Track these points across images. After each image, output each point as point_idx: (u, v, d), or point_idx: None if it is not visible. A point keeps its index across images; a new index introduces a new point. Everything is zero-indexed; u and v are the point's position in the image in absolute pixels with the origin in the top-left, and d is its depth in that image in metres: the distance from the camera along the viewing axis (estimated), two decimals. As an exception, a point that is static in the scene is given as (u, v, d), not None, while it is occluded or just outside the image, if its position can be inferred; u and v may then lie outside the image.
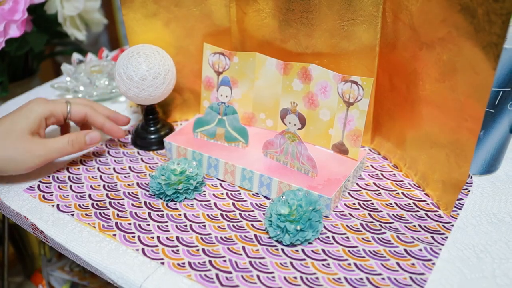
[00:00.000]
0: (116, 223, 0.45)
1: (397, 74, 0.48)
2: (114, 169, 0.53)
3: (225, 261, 0.40)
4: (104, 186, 0.50)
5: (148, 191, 0.49)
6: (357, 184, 0.50)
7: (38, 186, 0.50)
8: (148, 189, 0.50)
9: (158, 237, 0.43)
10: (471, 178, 0.50)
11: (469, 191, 0.48)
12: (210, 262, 0.40)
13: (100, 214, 0.46)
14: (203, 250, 0.41)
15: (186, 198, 0.48)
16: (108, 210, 0.47)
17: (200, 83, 0.58)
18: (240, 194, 0.49)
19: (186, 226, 0.44)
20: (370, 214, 0.45)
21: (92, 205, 0.47)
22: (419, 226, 0.43)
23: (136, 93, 0.51)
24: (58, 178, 0.52)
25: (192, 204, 0.47)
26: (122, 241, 0.42)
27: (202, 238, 0.43)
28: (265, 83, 0.53)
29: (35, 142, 0.48)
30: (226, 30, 0.54)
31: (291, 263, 0.40)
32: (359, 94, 0.46)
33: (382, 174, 0.51)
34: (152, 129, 0.57)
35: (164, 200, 0.48)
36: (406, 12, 0.43)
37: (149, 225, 0.44)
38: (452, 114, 0.42)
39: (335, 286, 0.37)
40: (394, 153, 0.52)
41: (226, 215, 0.46)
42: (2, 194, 0.49)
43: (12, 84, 0.84)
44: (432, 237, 0.42)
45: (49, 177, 0.52)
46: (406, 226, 0.43)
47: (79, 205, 0.47)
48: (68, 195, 0.49)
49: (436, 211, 0.45)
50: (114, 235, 0.43)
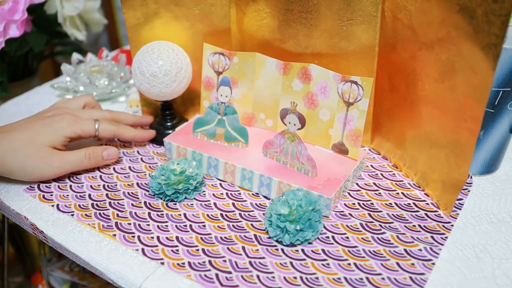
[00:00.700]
0: (116, 223, 0.45)
1: (396, 74, 0.48)
2: (114, 169, 0.53)
3: (225, 261, 0.40)
4: (104, 186, 0.50)
5: (148, 191, 0.49)
6: (357, 184, 0.50)
7: (38, 186, 0.50)
8: (148, 189, 0.50)
9: (158, 237, 0.43)
10: (471, 178, 0.50)
11: (469, 191, 0.48)
12: (210, 262, 0.40)
13: (100, 214, 0.46)
14: (203, 250, 0.41)
15: (186, 198, 0.48)
16: (108, 210, 0.47)
17: (200, 83, 0.58)
18: (240, 194, 0.49)
19: (186, 226, 0.44)
20: (370, 214, 0.45)
21: (92, 205, 0.47)
22: (419, 226, 0.43)
23: (147, 88, 0.52)
24: (58, 178, 0.52)
25: (192, 204, 0.47)
26: (122, 241, 0.43)
27: (202, 238, 0.43)
28: (265, 83, 0.53)
29: (53, 154, 0.49)
30: (226, 30, 0.54)
31: (291, 263, 0.40)
32: (359, 94, 0.46)
33: (382, 174, 0.51)
34: (169, 124, 0.58)
35: (164, 200, 0.48)
36: (405, 12, 0.43)
37: (149, 225, 0.44)
38: (451, 114, 0.42)
39: (335, 286, 0.37)
40: (394, 153, 0.52)
41: (226, 215, 0.46)
42: (2, 194, 0.49)
43: (12, 84, 0.84)
44: (432, 237, 0.42)
45: (49, 177, 0.52)
46: (406, 226, 0.43)
47: (79, 205, 0.47)
48: (68, 195, 0.49)
49: (436, 211, 0.45)
50: (114, 235, 0.43)
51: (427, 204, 0.47)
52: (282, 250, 0.41)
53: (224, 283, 0.38)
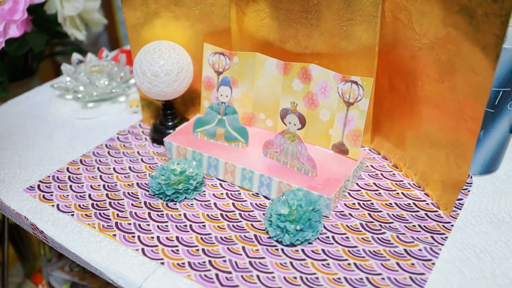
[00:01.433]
0: (116, 223, 0.45)
1: (396, 74, 0.48)
2: (114, 169, 0.53)
3: (225, 261, 0.40)
4: (104, 186, 0.50)
5: (148, 191, 0.49)
6: (357, 184, 0.50)
7: (38, 186, 0.50)
8: (148, 189, 0.50)
9: (158, 237, 0.43)
10: (471, 178, 0.50)
11: (469, 191, 0.48)
12: (210, 262, 0.40)
13: (100, 214, 0.46)
14: (203, 250, 0.41)
15: (186, 198, 0.48)
16: (108, 210, 0.47)
17: (200, 83, 0.58)
18: (240, 194, 0.49)
19: (186, 226, 0.44)
20: (370, 214, 0.45)
21: (92, 205, 0.47)
22: (419, 226, 0.43)
23: (148, 88, 0.52)
24: (58, 178, 0.52)
25: (192, 204, 0.47)
26: (122, 241, 0.43)
27: (202, 238, 0.43)
28: (265, 83, 0.53)
29: None
30: (226, 30, 0.54)
31: (291, 263, 0.40)
32: (359, 94, 0.46)
33: (382, 174, 0.51)
34: (170, 124, 0.58)
35: (164, 200, 0.48)
36: (405, 12, 0.43)
37: (149, 225, 0.44)
38: (451, 114, 0.42)
39: (335, 286, 0.37)
40: (394, 153, 0.52)
41: (226, 215, 0.46)
42: (2, 194, 0.49)
43: (12, 84, 0.84)
44: (432, 237, 0.42)
45: (49, 177, 0.52)
46: (406, 226, 0.43)
47: (79, 205, 0.47)
48: (68, 195, 0.49)
49: (436, 211, 0.45)
50: (114, 235, 0.43)
51: (427, 204, 0.47)
52: (282, 250, 0.41)
53: (224, 283, 0.38)
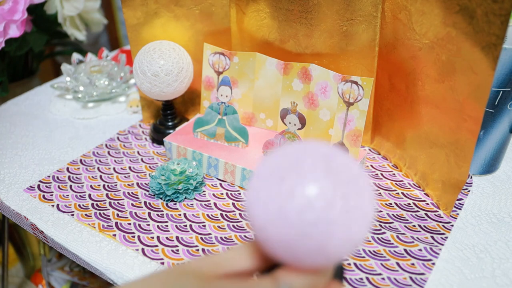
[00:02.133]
0: (116, 223, 0.45)
1: (396, 74, 0.48)
2: (114, 169, 0.53)
3: (225, 261, 0.40)
4: (104, 186, 0.50)
5: (148, 191, 0.49)
6: (357, 184, 0.50)
7: (38, 186, 0.50)
8: (148, 189, 0.50)
9: (158, 237, 0.43)
10: (471, 178, 0.50)
11: (469, 191, 0.48)
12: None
13: (100, 214, 0.46)
14: (203, 250, 0.41)
15: (186, 198, 0.48)
16: (108, 210, 0.47)
17: (200, 83, 0.58)
18: (240, 194, 0.49)
19: (186, 226, 0.44)
20: (370, 214, 0.45)
21: (92, 205, 0.47)
22: (419, 226, 0.43)
23: (148, 88, 0.52)
24: (58, 178, 0.52)
25: (192, 204, 0.47)
26: (122, 241, 0.42)
27: (202, 238, 0.43)
28: (265, 83, 0.53)
29: None
30: (226, 30, 0.54)
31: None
32: (359, 94, 0.46)
33: (382, 174, 0.51)
34: (170, 124, 0.58)
35: (164, 200, 0.48)
36: (405, 12, 0.43)
37: (149, 225, 0.44)
38: (451, 114, 0.42)
39: (335, 286, 0.37)
40: (394, 153, 0.52)
41: (226, 215, 0.46)
42: (2, 194, 0.49)
43: (12, 84, 0.84)
44: (432, 237, 0.42)
45: (49, 177, 0.52)
46: (406, 226, 0.43)
47: (79, 205, 0.47)
48: (68, 195, 0.49)
49: (436, 211, 0.45)
50: (114, 235, 0.43)
51: (427, 204, 0.46)
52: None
53: (224, 283, 0.38)
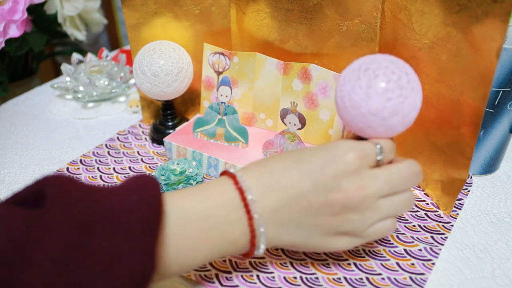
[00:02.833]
0: (116, 223, 0.45)
1: (396, 74, 0.48)
2: (114, 169, 0.53)
3: (225, 261, 0.40)
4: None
5: (148, 191, 0.49)
6: (357, 184, 0.50)
7: (38, 186, 0.50)
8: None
9: (158, 237, 0.43)
10: (471, 178, 0.50)
11: (469, 191, 0.48)
12: (210, 262, 0.40)
13: (100, 214, 0.46)
14: (203, 250, 0.41)
15: (186, 198, 0.48)
16: (108, 210, 0.46)
17: (200, 83, 0.58)
18: (240, 194, 0.49)
19: (186, 226, 0.44)
20: (370, 214, 0.45)
21: (92, 205, 0.47)
22: (419, 226, 0.43)
23: (148, 88, 0.52)
24: (58, 178, 0.52)
25: (192, 204, 0.47)
26: (122, 241, 0.42)
27: (202, 238, 0.43)
28: (265, 83, 0.53)
29: None
30: (226, 30, 0.54)
31: (291, 263, 0.40)
32: (359, 94, 0.46)
33: (382, 174, 0.51)
34: (170, 124, 0.58)
35: (164, 200, 0.47)
36: (405, 12, 0.43)
37: (149, 225, 0.44)
38: (451, 114, 0.42)
39: (335, 286, 0.37)
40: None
41: (226, 215, 0.45)
42: (1, 194, 0.49)
43: (12, 84, 0.84)
44: (432, 237, 0.42)
45: (49, 177, 0.52)
46: (406, 226, 0.43)
47: (79, 205, 0.47)
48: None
49: (436, 211, 0.45)
50: (114, 235, 0.43)
51: (427, 204, 0.46)
52: (282, 250, 0.41)
53: (224, 283, 0.38)
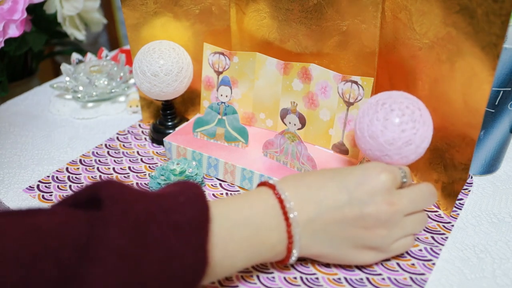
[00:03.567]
0: (115, 223, 0.45)
1: (396, 74, 0.48)
2: (113, 169, 0.53)
3: (225, 261, 0.40)
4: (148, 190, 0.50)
5: (147, 191, 0.49)
6: (357, 184, 0.50)
7: (38, 186, 0.50)
8: (147, 189, 0.50)
9: (158, 237, 0.43)
10: (471, 178, 0.50)
11: (469, 191, 0.48)
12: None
13: (99, 214, 0.46)
14: (203, 250, 0.41)
15: (185, 198, 0.48)
16: (107, 210, 0.46)
17: (200, 83, 0.58)
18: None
19: (185, 226, 0.44)
20: (370, 214, 0.45)
21: (91, 205, 0.47)
22: (419, 226, 0.43)
23: (148, 88, 0.52)
24: (57, 178, 0.52)
25: (191, 204, 0.47)
26: (122, 241, 0.42)
27: (202, 238, 0.43)
28: (265, 83, 0.53)
29: None
30: (226, 30, 0.54)
31: (291, 263, 0.40)
32: (359, 94, 0.46)
33: (382, 174, 0.51)
34: (169, 124, 0.58)
35: (163, 200, 0.47)
36: (405, 12, 0.43)
37: (148, 225, 0.44)
38: (451, 114, 0.42)
39: (335, 286, 0.37)
40: (394, 153, 0.52)
41: (226, 215, 0.45)
42: (1, 194, 0.49)
43: (11, 84, 0.84)
44: (432, 237, 0.42)
45: (48, 177, 0.52)
46: (406, 226, 0.43)
47: (79, 205, 0.47)
48: (67, 195, 0.49)
49: (436, 211, 0.45)
50: (114, 235, 0.43)
51: (427, 204, 0.46)
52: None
53: (224, 283, 0.38)
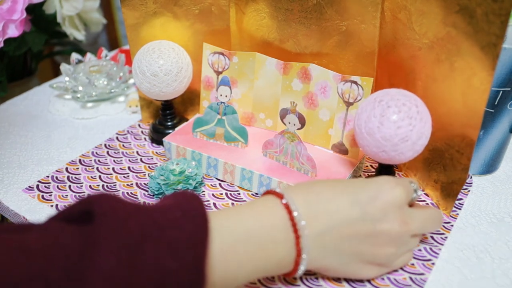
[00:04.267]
0: (115, 224, 0.44)
1: (396, 74, 0.48)
2: (113, 169, 0.53)
3: (224, 261, 0.40)
4: (103, 186, 0.50)
5: (147, 192, 0.49)
6: (356, 184, 0.50)
7: (37, 186, 0.50)
8: (147, 189, 0.50)
9: (158, 237, 0.43)
10: (471, 178, 0.50)
11: (469, 191, 0.48)
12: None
13: (99, 214, 0.46)
14: (203, 250, 0.41)
15: (185, 198, 0.48)
16: (107, 210, 0.46)
17: (199, 83, 0.58)
18: (239, 194, 0.49)
19: (185, 226, 0.44)
20: (369, 214, 0.45)
21: (91, 205, 0.47)
22: (419, 226, 0.43)
23: (147, 88, 0.52)
24: (57, 178, 0.52)
25: (191, 204, 0.47)
26: (121, 241, 0.42)
27: (201, 238, 0.42)
28: (264, 83, 0.53)
29: None
30: (225, 30, 0.54)
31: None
32: (359, 94, 0.46)
33: (381, 174, 0.51)
34: (169, 124, 0.58)
35: (163, 200, 0.47)
36: (405, 12, 0.43)
37: (148, 225, 0.44)
38: (451, 114, 0.42)
39: (335, 286, 0.37)
40: (394, 153, 0.52)
41: (225, 215, 0.45)
42: (0, 194, 0.49)
43: (10, 84, 0.84)
44: (431, 237, 0.42)
45: (48, 177, 0.52)
46: (405, 226, 0.43)
47: (78, 205, 0.47)
48: (67, 195, 0.49)
49: (435, 211, 0.45)
50: (113, 236, 0.43)
51: (427, 204, 0.46)
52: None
53: (223, 284, 0.38)
